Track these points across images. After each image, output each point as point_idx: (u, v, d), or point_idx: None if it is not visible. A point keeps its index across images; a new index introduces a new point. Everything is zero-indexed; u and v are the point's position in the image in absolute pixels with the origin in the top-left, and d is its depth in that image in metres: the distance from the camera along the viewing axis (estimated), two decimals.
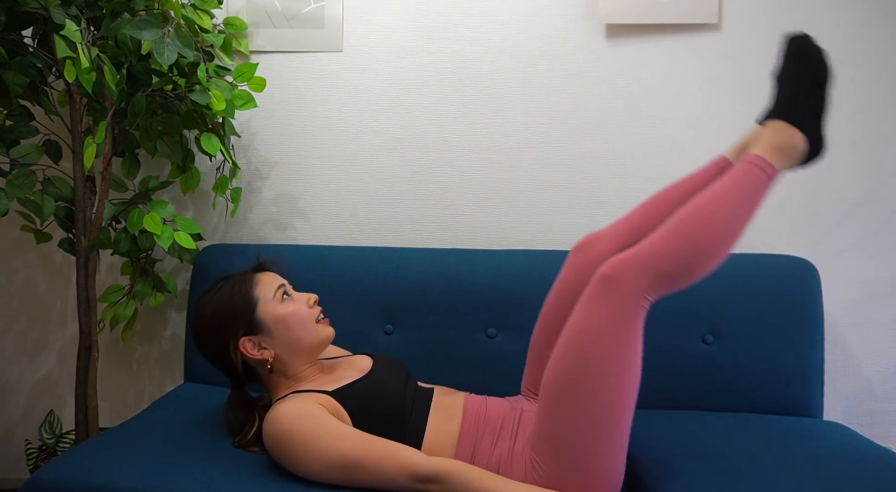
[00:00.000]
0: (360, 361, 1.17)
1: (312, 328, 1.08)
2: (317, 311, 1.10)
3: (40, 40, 1.29)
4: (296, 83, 1.59)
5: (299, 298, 1.10)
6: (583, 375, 0.93)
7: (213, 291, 1.08)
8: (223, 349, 1.05)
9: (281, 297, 1.07)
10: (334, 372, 1.13)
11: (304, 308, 1.08)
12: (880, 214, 1.48)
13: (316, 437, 0.94)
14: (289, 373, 1.08)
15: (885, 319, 1.49)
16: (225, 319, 1.04)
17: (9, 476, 1.71)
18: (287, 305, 1.07)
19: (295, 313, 1.07)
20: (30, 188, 1.24)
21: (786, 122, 1.02)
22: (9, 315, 1.69)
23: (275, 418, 0.97)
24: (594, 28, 1.51)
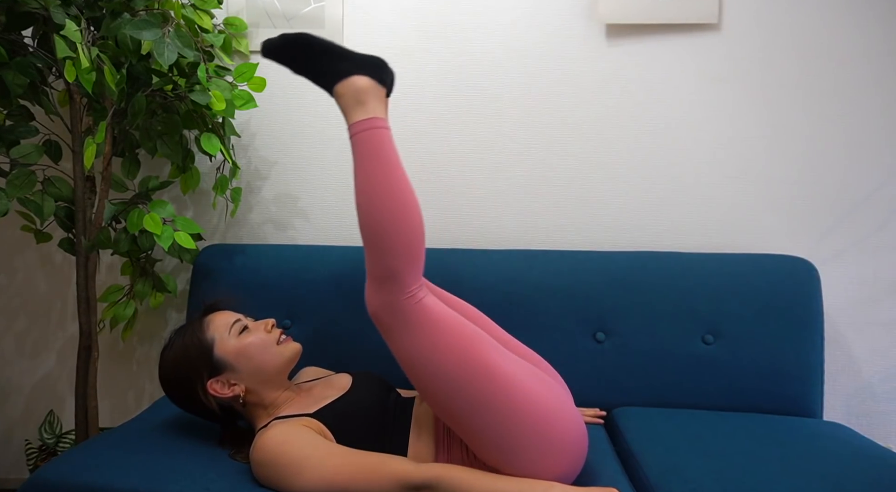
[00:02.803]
0: (339, 379, 1.17)
1: (274, 351, 1.08)
2: (276, 333, 1.10)
3: (40, 40, 1.29)
4: (296, 83, 1.59)
5: (256, 328, 1.10)
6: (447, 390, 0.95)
7: (169, 345, 1.09)
8: (194, 396, 1.05)
9: (238, 331, 1.08)
10: (313, 393, 1.13)
11: (262, 335, 1.08)
12: (880, 214, 1.48)
13: (304, 457, 0.94)
14: (265, 402, 1.09)
15: (885, 319, 1.49)
16: (186, 368, 1.05)
17: (9, 476, 1.71)
18: (244, 337, 1.07)
19: (253, 343, 1.07)
20: (30, 188, 1.24)
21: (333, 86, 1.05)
22: (9, 315, 1.69)
23: (260, 446, 0.97)
24: (594, 28, 1.51)
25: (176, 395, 1.07)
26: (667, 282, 1.37)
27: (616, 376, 1.36)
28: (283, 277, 1.46)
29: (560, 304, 1.38)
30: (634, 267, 1.40)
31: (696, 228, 1.53)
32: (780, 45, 1.47)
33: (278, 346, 1.09)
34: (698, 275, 1.37)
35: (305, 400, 1.10)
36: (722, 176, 1.51)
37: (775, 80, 1.48)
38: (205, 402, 1.05)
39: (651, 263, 1.40)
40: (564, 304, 1.38)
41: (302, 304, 1.45)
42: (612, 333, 1.37)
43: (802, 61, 1.47)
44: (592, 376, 1.36)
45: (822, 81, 1.47)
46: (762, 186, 1.50)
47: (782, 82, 1.48)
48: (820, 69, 1.47)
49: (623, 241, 1.55)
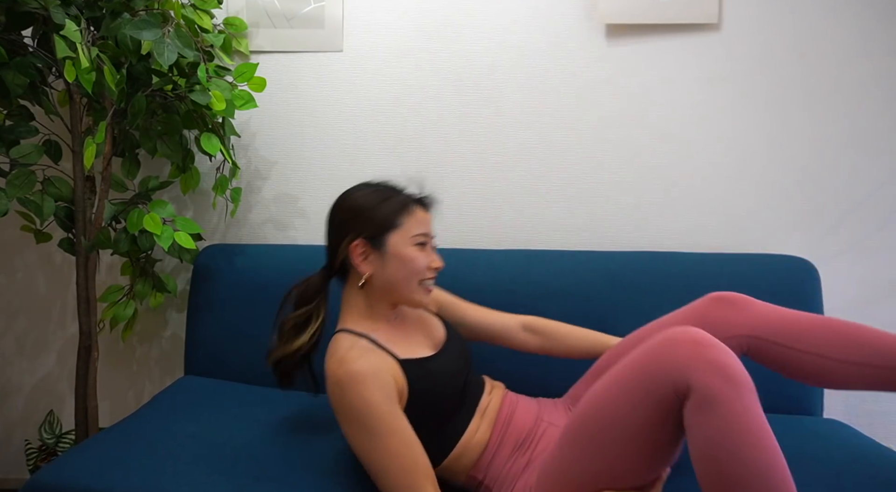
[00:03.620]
0: (435, 328, 1.14)
1: (413, 285, 1.04)
2: (429, 275, 1.06)
3: (40, 40, 1.29)
4: (296, 83, 1.59)
5: (428, 255, 1.06)
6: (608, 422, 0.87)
7: (376, 185, 1.07)
8: (341, 236, 1.04)
9: (416, 242, 1.04)
10: (408, 329, 1.10)
11: (422, 264, 1.04)
12: (880, 214, 1.48)
13: (369, 416, 0.91)
14: (370, 302, 1.06)
15: (885, 319, 1.49)
16: (360, 214, 1.03)
17: (9, 476, 1.71)
18: (414, 250, 1.03)
19: (413, 262, 1.03)
20: (30, 188, 1.24)
21: None
22: (9, 315, 1.69)
23: (345, 359, 0.95)
24: (594, 28, 1.51)
25: (334, 218, 1.06)
26: (667, 282, 1.37)
27: None
28: (283, 277, 1.45)
29: (560, 304, 1.38)
30: (634, 267, 1.40)
31: (696, 228, 1.53)
32: (780, 45, 1.47)
33: (419, 285, 1.05)
34: (698, 275, 1.37)
35: (399, 332, 1.07)
36: (722, 176, 1.51)
37: (775, 80, 1.48)
38: (340, 247, 1.04)
39: (651, 263, 1.40)
40: (564, 304, 1.38)
41: None
42: (612, 332, 1.37)
43: (802, 61, 1.47)
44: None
45: (823, 81, 1.47)
46: (762, 186, 1.50)
47: (782, 82, 1.48)
48: (820, 69, 1.47)
49: (623, 241, 1.55)
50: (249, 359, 1.44)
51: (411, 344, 1.06)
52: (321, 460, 1.07)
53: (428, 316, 1.17)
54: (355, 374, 0.92)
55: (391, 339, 1.04)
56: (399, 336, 1.07)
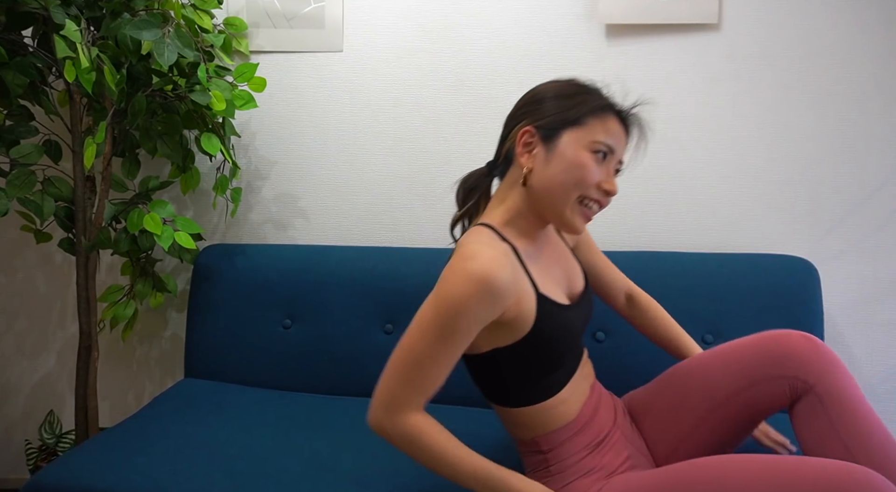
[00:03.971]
0: (576, 276, 1.00)
1: (572, 199, 0.87)
2: (595, 195, 0.87)
3: (40, 40, 1.29)
4: (296, 83, 1.59)
5: (603, 172, 0.87)
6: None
7: (577, 81, 0.92)
8: (513, 123, 0.93)
9: (595, 151, 0.86)
10: (549, 261, 0.96)
11: (592, 176, 0.86)
12: (880, 214, 1.48)
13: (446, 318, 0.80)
14: (521, 207, 0.91)
15: (885, 319, 1.49)
16: (541, 102, 0.90)
17: (9, 476, 1.71)
18: (588, 157, 0.86)
19: (581, 169, 0.85)
20: (30, 188, 1.24)
21: None
22: (9, 315, 1.69)
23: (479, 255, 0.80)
24: (594, 28, 1.51)
25: (516, 105, 0.95)
26: (667, 282, 1.37)
27: (616, 376, 1.35)
28: (283, 277, 1.46)
29: None
30: (634, 267, 1.40)
31: (695, 228, 1.53)
32: (780, 45, 1.47)
33: (577, 204, 0.87)
34: (698, 275, 1.37)
35: (541, 266, 0.93)
36: (722, 176, 1.51)
37: (775, 80, 1.48)
38: (509, 133, 0.93)
39: (651, 263, 1.40)
40: None
41: (302, 304, 1.45)
42: (612, 332, 1.37)
43: (802, 61, 1.47)
44: None
45: (823, 81, 1.47)
46: (762, 185, 1.50)
47: (782, 82, 1.48)
48: (820, 69, 1.47)
49: (623, 241, 1.55)
50: (250, 359, 1.44)
51: (548, 280, 0.92)
52: (321, 460, 1.07)
53: (572, 259, 1.02)
54: (478, 277, 0.79)
55: (533, 259, 0.91)
56: (539, 264, 0.93)
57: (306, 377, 1.43)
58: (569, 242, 1.08)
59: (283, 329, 1.45)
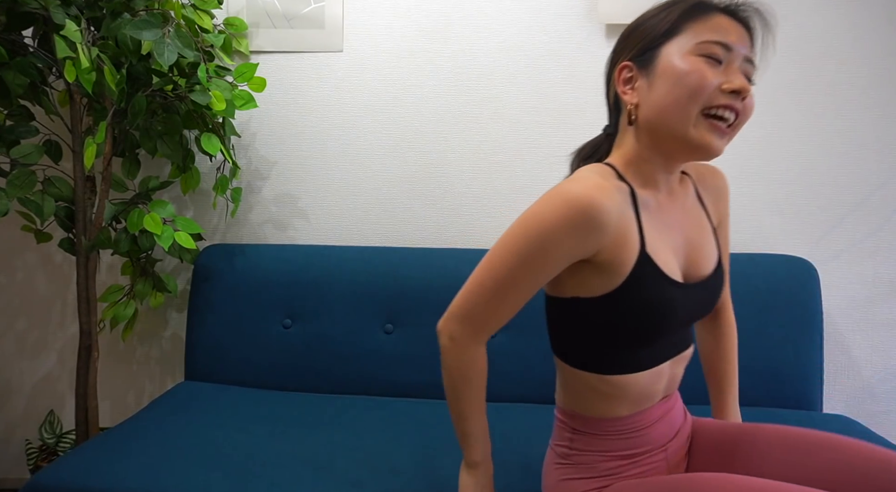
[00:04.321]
0: (707, 253, 0.83)
1: (690, 113, 0.71)
2: (719, 101, 0.71)
3: (40, 40, 1.29)
4: (296, 83, 1.59)
5: (723, 75, 0.71)
6: None
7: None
8: (611, 68, 0.82)
9: (702, 52, 0.72)
10: (671, 221, 0.81)
11: (708, 84, 0.70)
12: (880, 214, 1.48)
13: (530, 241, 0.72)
14: (640, 154, 0.79)
15: (885, 319, 1.49)
16: (633, 31, 0.79)
17: (9, 476, 1.72)
18: (694, 61, 0.71)
19: (687, 76, 0.71)
20: (30, 188, 1.24)
21: None
22: (9, 315, 1.69)
23: (584, 180, 0.72)
24: (594, 28, 1.51)
25: (611, 51, 0.83)
26: None
27: None
28: (283, 277, 1.46)
29: None
30: None
31: None
32: (779, 46, 1.47)
33: (701, 118, 0.72)
34: None
35: (663, 223, 0.80)
36: None
37: (775, 80, 1.48)
38: (608, 85, 0.84)
39: None
40: None
41: (302, 304, 1.45)
42: None
43: (802, 61, 1.47)
44: None
45: (822, 81, 1.47)
46: (762, 186, 1.50)
47: (782, 82, 1.48)
48: (819, 69, 1.47)
49: None
50: (250, 359, 1.44)
51: (662, 244, 0.78)
52: (320, 459, 1.07)
53: (708, 234, 0.85)
54: (576, 200, 0.70)
55: (648, 215, 0.78)
56: (657, 221, 0.79)
57: (306, 377, 1.43)
58: (713, 217, 0.89)
59: (283, 329, 1.45)
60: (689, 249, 0.82)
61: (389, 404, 1.34)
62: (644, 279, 0.74)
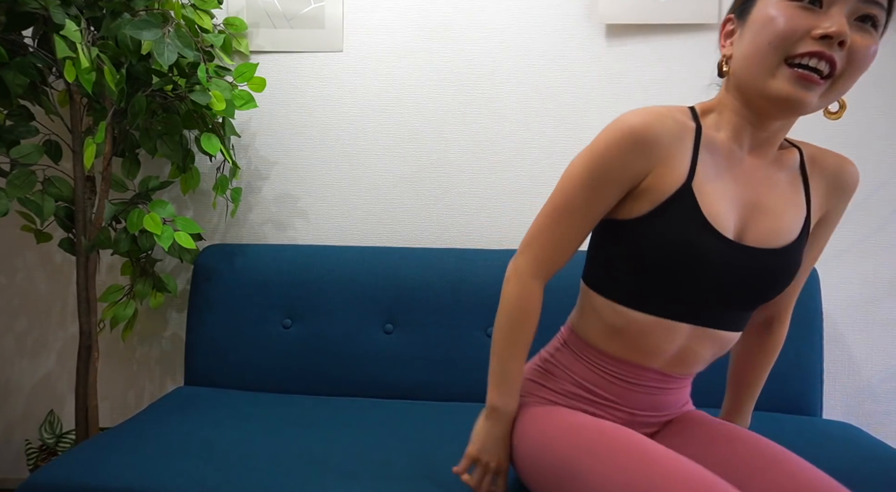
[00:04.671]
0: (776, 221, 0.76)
1: (771, 61, 0.68)
2: (805, 48, 0.66)
3: (40, 40, 1.29)
4: (296, 83, 1.59)
5: (811, 18, 0.66)
6: None
7: None
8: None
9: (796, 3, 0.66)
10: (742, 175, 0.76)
11: (790, 30, 0.66)
12: (880, 214, 1.48)
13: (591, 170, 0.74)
14: (726, 95, 0.76)
15: (885, 319, 1.49)
16: None
17: (9, 476, 1.72)
18: (782, 9, 0.67)
19: (772, 22, 0.67)
20: (30, 188, 1.24)
21: None
22: (9, 315, 1.69)
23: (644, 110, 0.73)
24: (594, 28, 1.51)
25: None
26: None
27: None
28: (283, 277, 1.46)
29: (560, 303, 1.38)
30: None
31: None
32: None
33: (780, 67, 0.67)
34: None
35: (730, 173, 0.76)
36: None
37: None
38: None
39: None
40: (564, 303, 1.38)
41: (302, 304, 1.45)
42: None
43: None
44: None
45: None
46: None
47: None
48: None
49: None
50: (250, 359, 1.44)
51: (717, 191, 0.74)
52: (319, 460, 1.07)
53: (793, 204, 0.77)
54: (630, 125, 0.72)
55: (720, 168, 0.75)
56: (721, 168, 0.75)
57: (306, 377, 1.43)
58: (816, 204, 0.81)
59: (283, 329, 1.45)
60: (752, 210, 0.76)
61: (389, 406, 1.34)
62: (678, 211, 0.72)
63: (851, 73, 0.67)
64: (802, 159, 0.80)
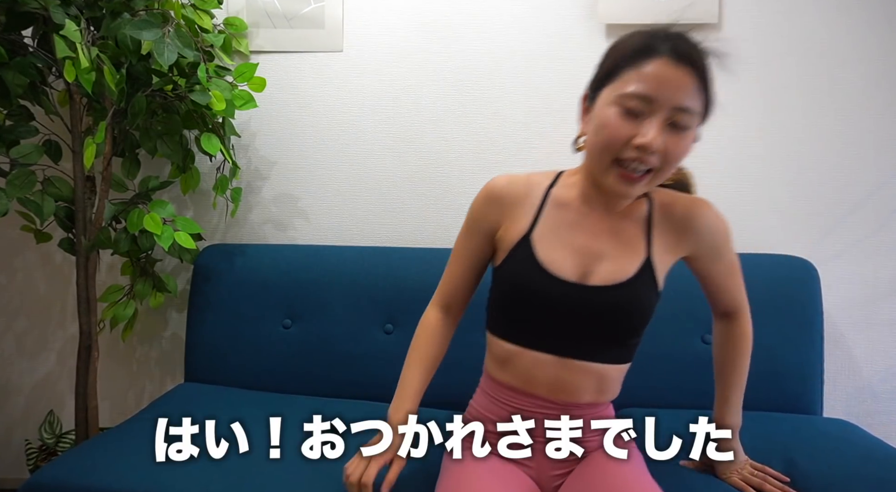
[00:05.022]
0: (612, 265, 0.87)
1: (604, 162, 0.80)
2: (628, 154, 0.77)
3: (40, 40, 1.29)
4: (296, 83, 1.59)
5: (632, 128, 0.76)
6: None
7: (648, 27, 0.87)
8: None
9: (623, 104, 0.77)
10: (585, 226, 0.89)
11: (616, 140, 0.77)
12: (880, 214, 1.48)
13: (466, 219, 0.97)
14: (584, 167, 0.88)
15: (885, 319, 1.49)
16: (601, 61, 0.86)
17: (9, 476, 1.72)
18: (612, 117, 0.77)
19: (603, 129, 0.78)
20: (30, 188, 1.24)
21: None
22: (9, 315, 1.69)
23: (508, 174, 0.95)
24: (594, 28, 1.51)
25: None
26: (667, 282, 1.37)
27: None
28: (283, 277, 1.46)
29: None
30: None
31: None
32: (779, 45, 1.47)
33: (612, 166, 0.79)
34: None
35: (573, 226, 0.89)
36: (721, 176, 1.51)
37: (775, 79, 1.48)
38: None
39: None
40: None
41: (302, 304, 1.45)
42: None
43: (802, 61, 1.47)
44: None
45: (822, 81, 1.47)
46: (762, 186, 1.50)
47: (782, 82, 1.48)
48: (819, 69, 1.47)
49: None
50: (250, 359, 1.44)
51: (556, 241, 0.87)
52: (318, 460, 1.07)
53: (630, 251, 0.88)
54: (489, 183, 0.94)
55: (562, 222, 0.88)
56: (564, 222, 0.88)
57: (306, 377, 1.43)
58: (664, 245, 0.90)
59: (283, 329, 1.45)
60: (594, 256, 0.87)
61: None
62: (519, 258, 0.88)
63: (667, 167, 0.80)
64: (651, 208, 0.90)
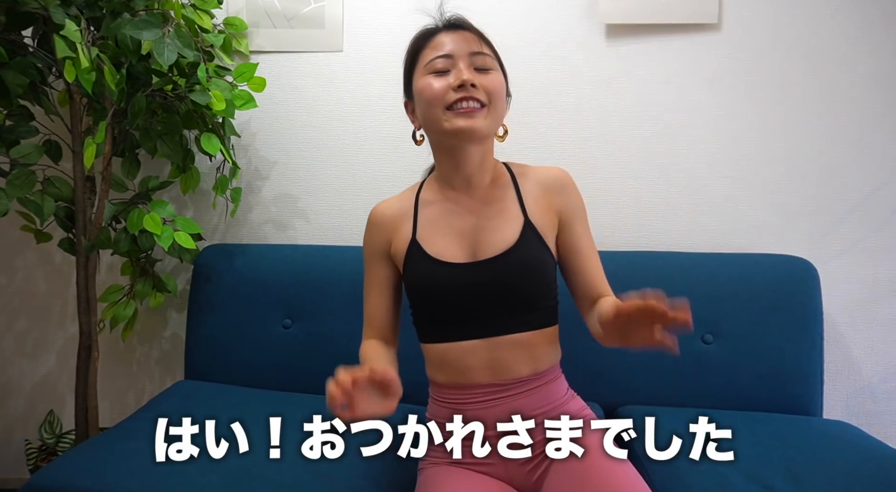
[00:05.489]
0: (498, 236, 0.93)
1: (439, 114, 0.90)
2: (453, 96, 0.89)
3: (40, 40, 1.29)
4: (296, 83, 1.59)
5: (447, 79, 0.90)
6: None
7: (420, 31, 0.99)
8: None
9: (429, 70, 0.92)
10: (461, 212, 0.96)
11: (440, 93, 0.89)
12: (880, 214, 1.48)
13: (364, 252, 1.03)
14: (438, 164, 1.01)
15: (885, 319, 1.49)
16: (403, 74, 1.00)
17: (9, 476, 1.71)
18: (428, 81, 0.91)
19: (424, 91, 0.91)
20: (30, 188, 1.24)
21: None
22: (9, 315, 1.69)
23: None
24: (594, 28, 1.51)
25: None
26: (667, 282, 1.37)
27: (616, 376, 1.36)
28: (283, 277, 1.46)
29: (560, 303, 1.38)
30: (634, 267, 1.40)
31: (695, 228, 1.53)
32: (780, 45, 1.47)
33: (447, 110, 0.90)
34: (698, 275, 1.37)
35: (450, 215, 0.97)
36: (721, 176, 1.51)
37: (775, 80, 1.48)
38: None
39: (651, 263, 1.40)
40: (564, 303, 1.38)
41: (302, 304, 1.45)
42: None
43: (802, 61, 1.47)
44: (592, 376, 1.36)
45: (822, 81, 1.47)
46: (762, 185, 1.50)
47: (782, 82, 1.48)
48: (820, 69, 1.47)
49: (623, 240, 1.54)
50: (250, 359, 1.44)
51: (441, 233, 0.95)
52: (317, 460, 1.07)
53: (509, 218, 0.94)
54: (369, 216, 1.03)
55: (438, 215, 0.97)
56: (441, 214, 0.97)
57: (306, 377, 1.42)
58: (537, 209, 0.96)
59: (283, 329, 1.45)
60: (477, 232, 0.94)
61: None
62: (414, 260, 0.95)
63: (496, 101, 0.92)
64: (513, 174, 1.00)
